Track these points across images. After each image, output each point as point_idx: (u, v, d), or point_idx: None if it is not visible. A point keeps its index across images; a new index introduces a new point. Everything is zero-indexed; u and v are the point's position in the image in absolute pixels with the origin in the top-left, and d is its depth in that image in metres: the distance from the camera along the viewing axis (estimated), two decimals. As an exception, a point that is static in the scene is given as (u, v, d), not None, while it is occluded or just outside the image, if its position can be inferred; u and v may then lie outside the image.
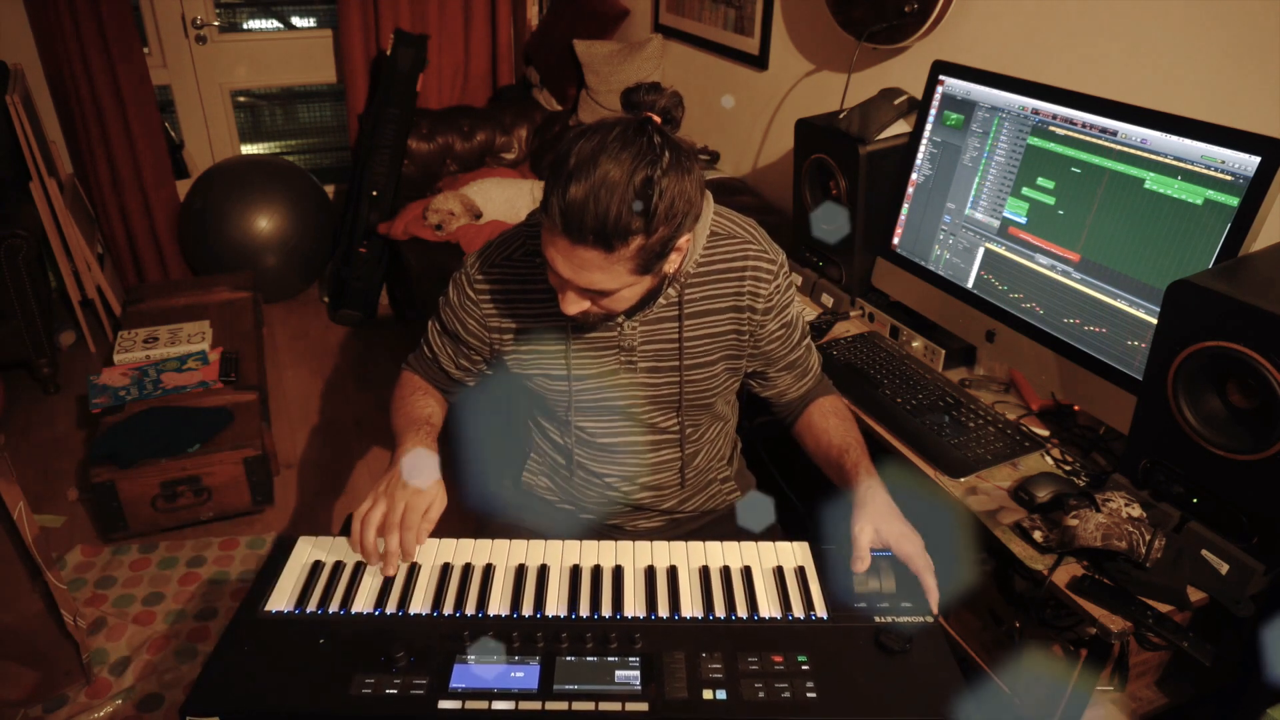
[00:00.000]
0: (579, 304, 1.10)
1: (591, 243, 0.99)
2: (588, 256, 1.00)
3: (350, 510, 1.44)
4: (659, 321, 1.24)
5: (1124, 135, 1.34)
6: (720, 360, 1.29)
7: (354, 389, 3.15)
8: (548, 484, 1.44)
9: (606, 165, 0.96)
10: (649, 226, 0.99)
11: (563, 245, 1.01)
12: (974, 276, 1.63)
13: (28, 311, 2.84)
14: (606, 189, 0.96)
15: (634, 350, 1.25)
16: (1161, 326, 1.18)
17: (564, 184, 0.97)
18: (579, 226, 0.97)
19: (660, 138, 1.00)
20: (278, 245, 3.44)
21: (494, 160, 3.65)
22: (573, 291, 1.08)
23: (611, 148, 0.97)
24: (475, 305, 1.26)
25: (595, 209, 0.96)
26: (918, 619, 1.05)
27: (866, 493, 1.17)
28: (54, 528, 2.42)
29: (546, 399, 1.32)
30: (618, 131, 0.99)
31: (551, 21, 3.57)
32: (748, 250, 1.25)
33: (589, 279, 1.04)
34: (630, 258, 1.01)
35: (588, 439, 1.34)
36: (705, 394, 1.31)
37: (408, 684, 0.94)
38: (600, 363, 1.26)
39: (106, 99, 3.22)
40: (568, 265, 1.03)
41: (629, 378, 1.27)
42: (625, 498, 1.39)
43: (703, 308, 1.25)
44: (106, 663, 1.98)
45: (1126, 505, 1.19)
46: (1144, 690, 1.37)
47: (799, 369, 1.38)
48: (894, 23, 1.97)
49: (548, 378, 1.28)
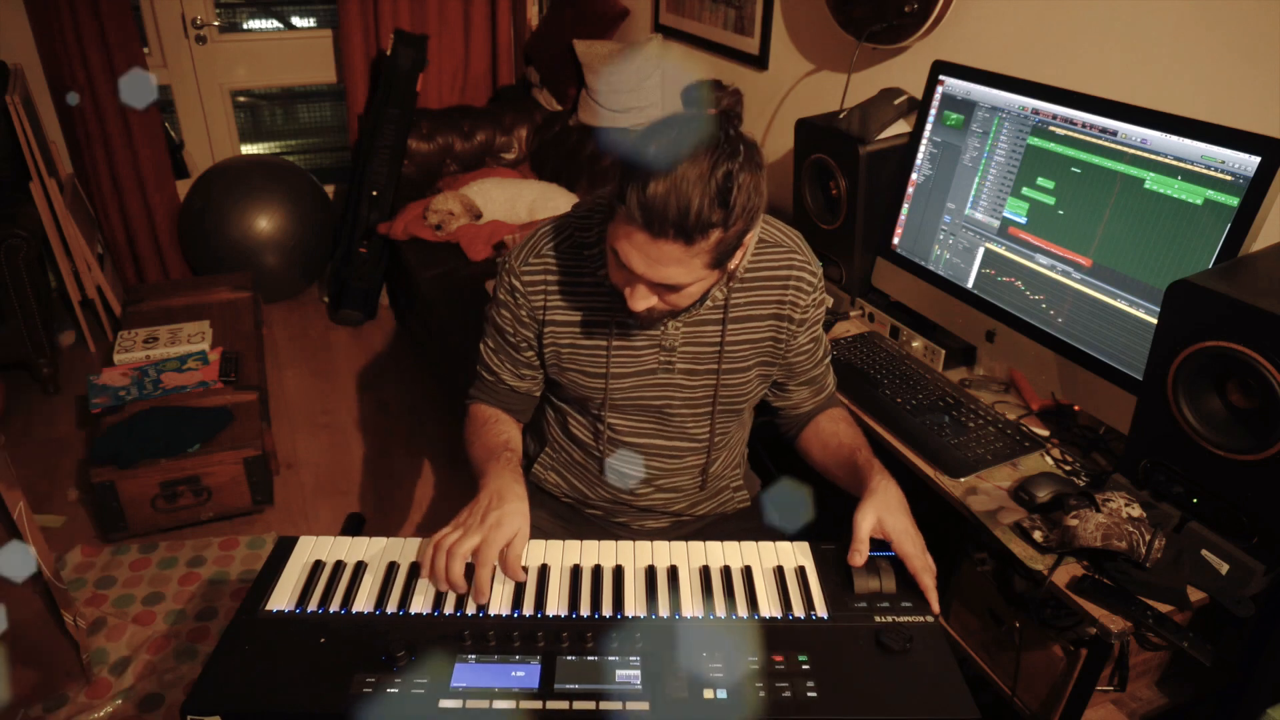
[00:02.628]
0: (648, 300, 1.09)
1: (672, 236, 0.98)
2: (667, 250, 1.00)
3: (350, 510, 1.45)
4: (702, 324, 1.24)
5: (1124, 135, 1.35)
6: (755, 366, 1.30)
7: (354, 389, 3.15)
8: (557, 480, 1.44)
9: (687, 159, 0.96)
10: (727, 220, 0.99)
11: (641, 240, 1.01)
12: (974, 276, 1.63)
13: (28, 311, 2.84)
14: (688, 182, 0.96)
15: (674, 351, 1.25)
16: (1161, 326, 1.18)
17: (643, 178, 0.97)
18: (660, 220, 0.97)
19: (735, 132, 1.00)
20: (278, 245, 3.44)
21: (494, 160, 3.65)
22: (644, 286, 1.07)
23: (690, 142, 0.97)
24: (525, 297, 1.25)
25: (677, 202, 0.96)
26: (918, 619, 1.05)
27: (878, 483, 1.16)
28: (54, 528, 2.42)
29: (579, 394, 1.31)
30: (694, 126, 0.98)
31: (551, 21, 3.57)
32: (793, 259, 1.26)
33: (664, 274, 1.03)
34: (708, 251, 1.01)
35: (616, 437, 1.34)
36: (737, 399, 1.32)
37: (408, 683, 0.94)
38: (639, 361, 1.26)
39: (106, 99, 3.22)
40: (644, 260, 1.03)
41: (665, 378, 1.27)
42: (641, 498, 1.39)
43: (746, 313, 1.25)
44: (106, 663, 1.98)
45: (1126, 505, 1.19)
46: (1144, 690, 1.37)
47: (817, 385, 1.39)
48: (894, 23, 1.97)
49: (585, 374, 1.28)
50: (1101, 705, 1.34)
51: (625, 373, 1.27)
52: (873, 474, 1.20)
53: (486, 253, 2.96)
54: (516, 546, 1.08)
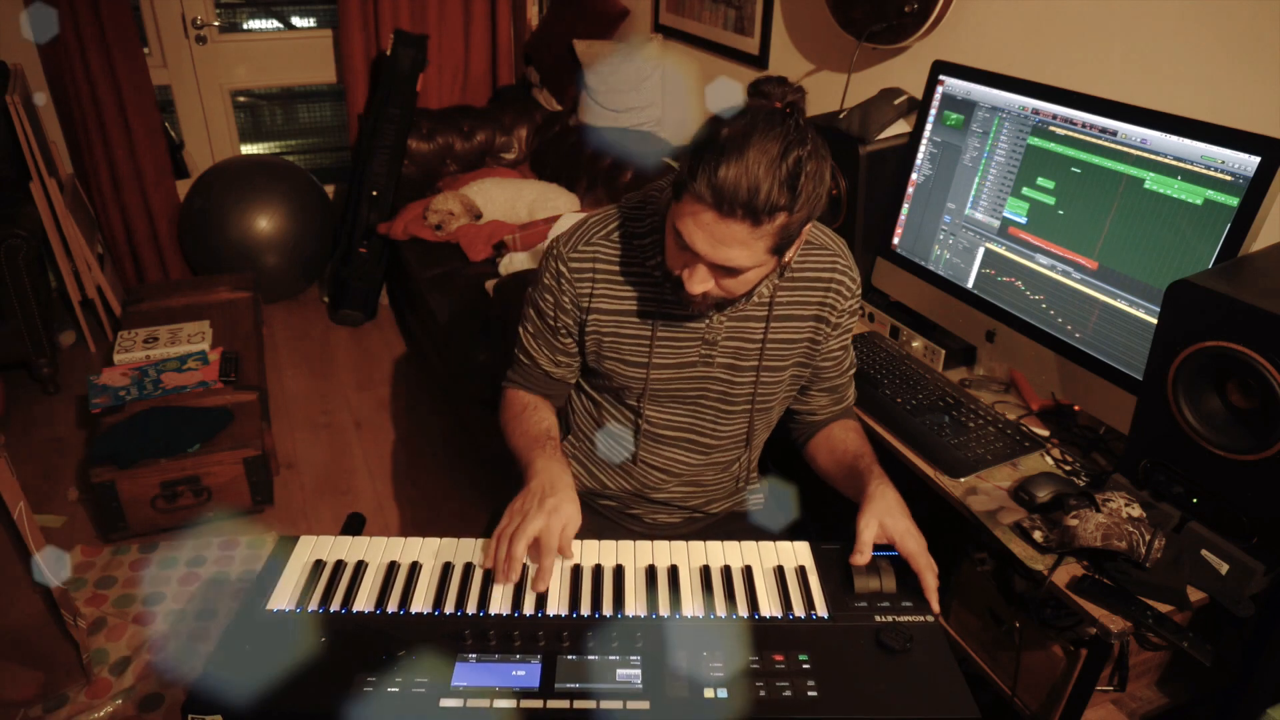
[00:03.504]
0: (705, 283, 1.10)
1: (740, 216, 1.00)
2: (733, 230, 1.01)
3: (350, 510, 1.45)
4: (746, 320, 1.26)
5: (1124, 135, 1.35)
6: (791, 366, 1.31)
7: (354, 389, 3.15)
8: (577, 469, 1.45)
9: (759, 142, 0.98)
10: (793, 204, 1.01)
11: (708, 219, 1.02)
12: (974, 276, 1.63)
13: (28, 311, 2.84)
14: (759, 164, 0.98)
15: (715, 344, 1.26)
16: (1161, 326, 1.18)
17: (715, 159, 0.99)
18: (731, 199, 0.99)
19: (804, 122, 1.02)
20: (278, 245, 3.44)
21: (494, 160, 3.65)
22: (704, 268, 1.08)
23: (762, 127, 0.99)
24: (570, 283, 1.26)
25: (748, 182, 0.98)
26: (918, 618, 1.05)
27: (877, 489, 1.18)
28: (54, 528, 2.42)
29: (618, 384, 1.32)
30: (765, 114, 1.01)
31: (551, 21, 3.57)
32: (837, 263, 1.28)
33: (727, 255, 1.04)
34: (772, 234, 1.03)
35: (650, 428, 1.35)
36: (771, 397, 1.33)
37: (409, 682, 0.94)
38: (681, 354, 1.27)
39: (106, 99, 3.22)
40: (708, 240, 1.04)
41: (705, 371, 1.28)
42: (662, 491, 1.40)
43: (789, 312, 1.27)
44: (106, 663, 1.98)
45: (1126, 505, 1.19)
46: (1144, 690, 1.37)
47: (838, 394, 1.41)
48: (894, 23, 1.97)
49: (625, 363, 1.29)
50: (1101, 705, 1.34)
51: (666, 364, 1.28)
52: (871, 480, 1.21)
53: (486, 253, 2.96)
54: (570, 530, 1.12)
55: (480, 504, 2.48)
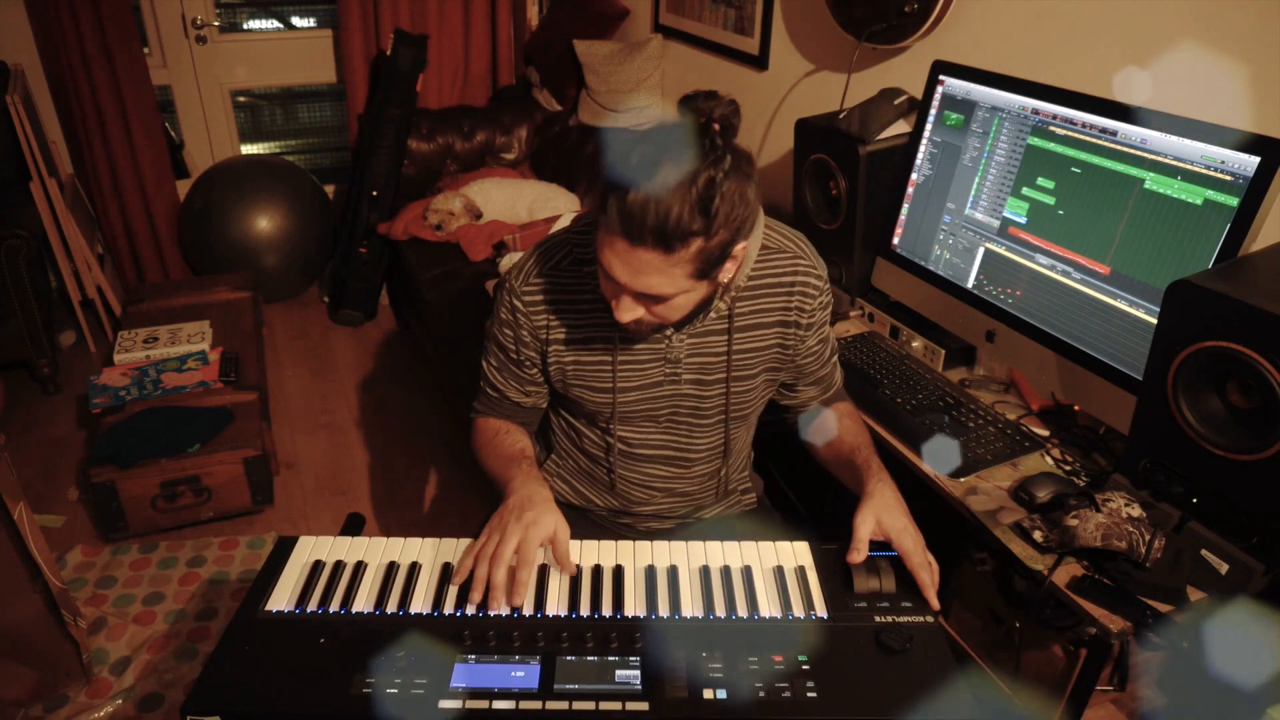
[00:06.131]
0: (633, 311, 1.07)
1: (651, 244, 0.97)
2: (646, 259, 0.98)
3: (350, 510, 1.45)
4: (707, 334, 1.23)
5: (1124, 135, 1.35)
6: (762, 373, 1.29)
7: (354, 389, 3.15)
8: (563, 486, 1.44)
9: (668, 165, 0.94)
10: (709, 229, 0.97)
11: (621, 247, 0.99)
12: (974, 276, 1.63)
13: (28, 311, 2.84)
14: (668, 189, 0.94)
15: (679, 363, 1.24)
16: (1161, 326, 1.18)
17: (624, 186, 0.96)
18: (639, 227, 0.96)
19: (722, 141, 0.98)
20: (278, 245, 3.44)
21: (494, 160, 3.65)
22: (628, 297, 1.06)
23: (673, 148, 0.95)
24: (527, 317, 1.24)
25: (656, 209, 0.94)
26: (918, 619, 1.05)
27: (875, 486, 1.17)
28: (54, 528, 2.42)
29: (587, 408, 1.30)
30: (679, 133, 0.97)
31: (551, 21, 3.57)
32: (798, 265, 1.24)
33: (646, 283, 1.02)
34: (689, 261, 0.99)
35: (626, 449, 1.34)
36: (746, 406, 1.32)
37: (408, 683, 0.94)
38: (645, 374, 1.25)
39: (106, 99, 3.22)
40: (625, 269, 1.01)
41: (672, 389, 1.26)
42: (650, 505, 1.39)
43: (752, 321, 1.24)
44: (106, 663, 1.98)
45: (1126, 505, 1.19)
46: (1144, 690, 1.37)
47: (825, 383, 1.40)
48: (894, 23, 1.97)
49: (591, 389, 1.27)
50: (1101, 705, 1.34)
51: (632, 386, 1.26)
52: (869, 477, 1.20)
53: (486, 253, 2.96)
54: (561, 540, 1.10)
55: (480, 504, 2.48)
